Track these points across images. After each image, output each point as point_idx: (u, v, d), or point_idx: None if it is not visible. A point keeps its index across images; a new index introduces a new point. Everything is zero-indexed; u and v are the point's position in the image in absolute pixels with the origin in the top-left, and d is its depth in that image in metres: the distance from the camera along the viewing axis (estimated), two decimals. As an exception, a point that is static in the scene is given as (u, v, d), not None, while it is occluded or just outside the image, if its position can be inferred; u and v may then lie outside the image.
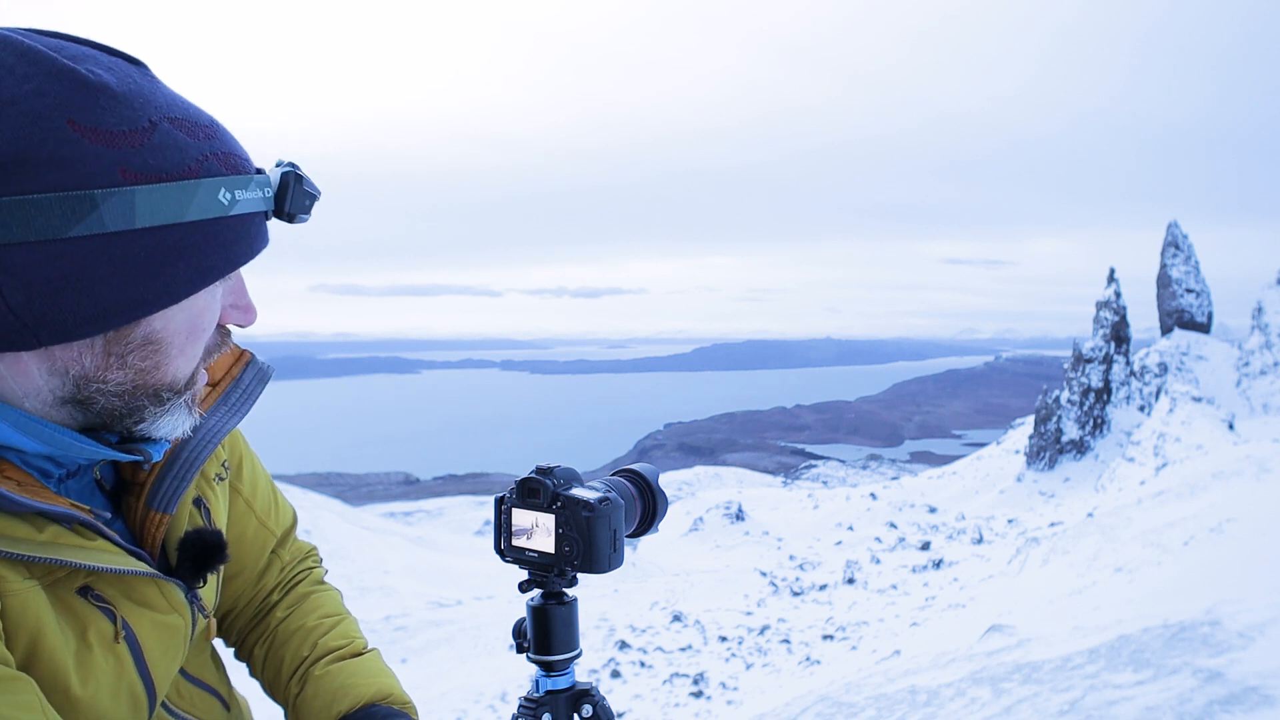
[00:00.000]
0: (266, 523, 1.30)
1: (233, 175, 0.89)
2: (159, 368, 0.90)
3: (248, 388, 1.13)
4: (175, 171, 0.84)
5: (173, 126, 0.85)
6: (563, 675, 1.09)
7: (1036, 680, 5.97)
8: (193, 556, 1.03)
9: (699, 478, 72.48)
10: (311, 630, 1.28)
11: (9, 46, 0.80)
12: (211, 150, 0.88)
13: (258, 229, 0.93)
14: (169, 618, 1.01)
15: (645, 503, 1.18)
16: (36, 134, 0.77)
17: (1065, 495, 43.93)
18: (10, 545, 0.83)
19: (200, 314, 0.92)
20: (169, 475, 1.03)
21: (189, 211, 0.84)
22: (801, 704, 7.98)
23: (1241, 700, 4.32)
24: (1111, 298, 53.02)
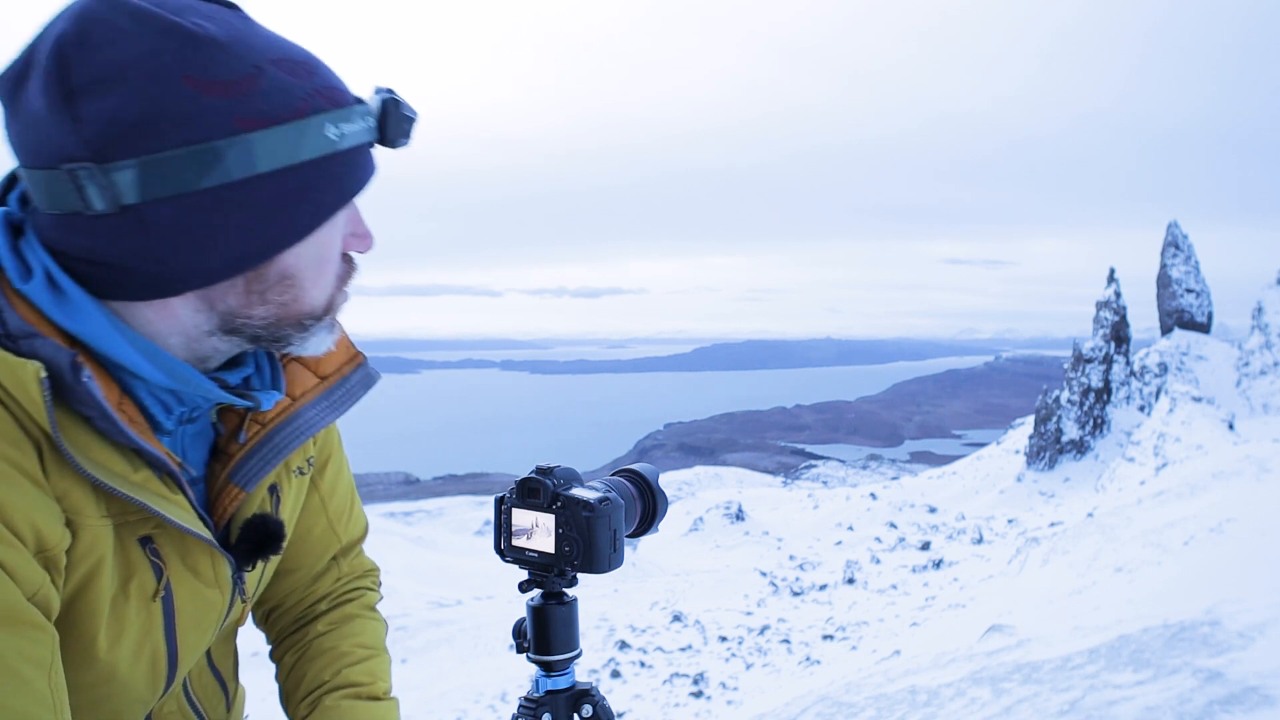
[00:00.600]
0: (336, 526, 1.30)
1: (336, 109, 0.90)
2: (297, 300, 0.95)
3: (352, 389, 1.14)
4: (286, 114, 0.86)
5: (276, 69, 0.87)
6: (563, 675, 1.09)
7: (1036, 680, 5.97)
8: (252, 539, 1.05)
9: (699, 478, 72.50)
10: (342, 655, 1.26)
11: (120, 9, 0.82)
12: (315, 87, 0.90)
13: (366, 158, 0.95)
14: (210, 591, 1.02)
15: (645, 503, 1.18)
16: (157, 93, 0.81)
17: (1065, 495, 43.94)
18: (106, 476, 0.85)
19: (326, 246, 0.95)
20: (256, 454, 1.05)
21: (303, 151, 0.87)
22: (801, 704, 7.98)
23: (1241, 700, 4.32)
24: (1111, 298, 53.04)
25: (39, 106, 0.81)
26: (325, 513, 1.27)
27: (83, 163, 0.80)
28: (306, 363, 1.12)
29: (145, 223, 0.83)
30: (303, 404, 1.09)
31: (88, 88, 0.80)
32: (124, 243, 0.84)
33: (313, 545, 1.28)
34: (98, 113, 0.80)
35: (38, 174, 0.83)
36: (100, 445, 0.86)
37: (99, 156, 0.80)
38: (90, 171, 0.80)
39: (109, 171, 0.80)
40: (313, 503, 1.25)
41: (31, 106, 0.82)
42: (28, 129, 0.83)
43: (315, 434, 1.11)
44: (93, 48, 0.80)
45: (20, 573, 0.79)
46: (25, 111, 0.83)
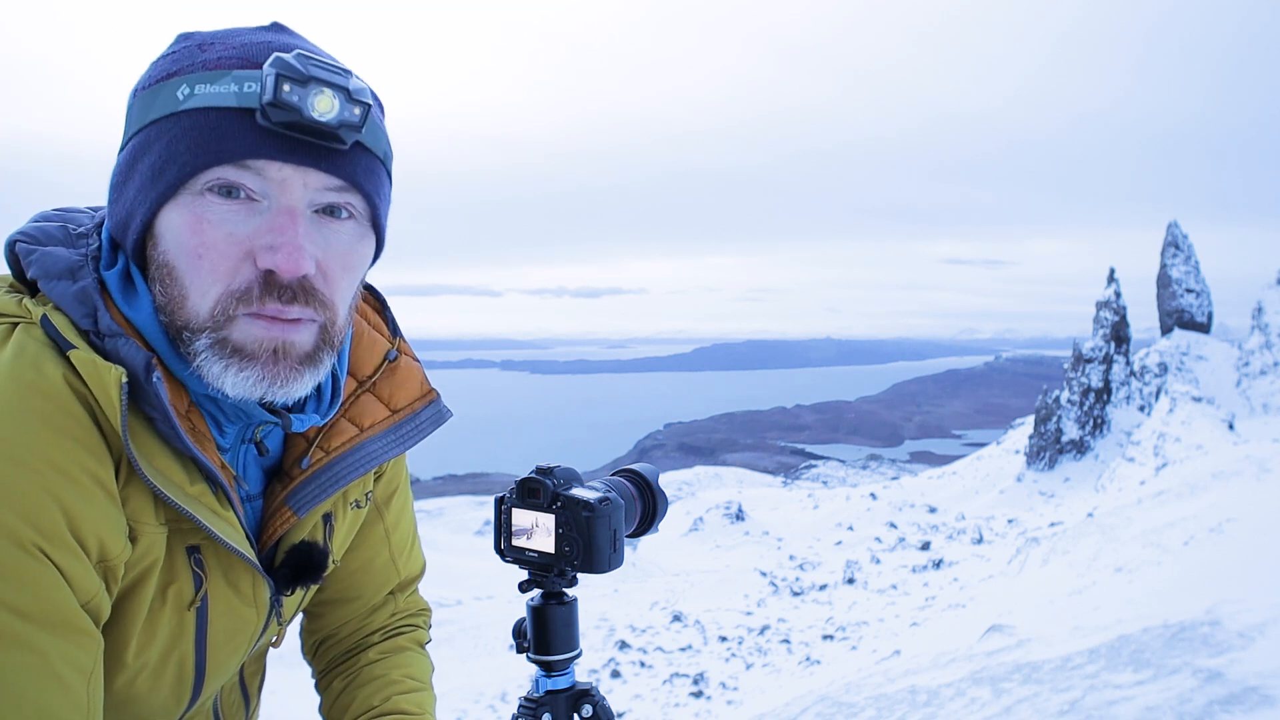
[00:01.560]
0: (397, 561, 1.30)
1: (198, 72, 0.87)
2: (179, 299, 0.89)
3: (422, 425, 1.14)
4: (155, 79, 0.90)
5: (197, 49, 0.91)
6: (563, 675, 1.09)
7: (1036, 680, 5.97)
8: (295, 564, 1.05)
9: (699, 478, 72.50)
10: (393, 684, 1.25)
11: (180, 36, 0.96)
12: (205, 58, 0.88)
13: (231, 126, 0.86)
14: (247, 610, 1.03)
15: (645, 503, 1.18)
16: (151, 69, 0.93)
17: (1065, 495, 43.94)
18: (165, 486, 0.87)
19: (190, 230, 0.87)
20: (315, 480, 1.05)
21: (150, 113, 0.89)
22: (801, 704, 7.98)
23: (1241, 700, 4.32)
24: (1111, 298, 53.04)
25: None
26: (388, 544, 1.27)
27: None
28: (380, 395, 1.12)
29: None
30: (369, 435, 1.09)
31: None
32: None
33: (374, 576, 1.28)
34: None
35: None
36: (162, 453, 0.88)
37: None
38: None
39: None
40: (377, 533, 1.25)
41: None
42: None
43: (377, 467, 1.10)
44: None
45: (78, 581, 0.82)
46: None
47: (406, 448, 1.13)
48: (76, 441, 0.82)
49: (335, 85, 0.86)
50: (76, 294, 0.89)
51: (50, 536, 0.79)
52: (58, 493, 0.80)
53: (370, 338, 1.15)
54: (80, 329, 0.87)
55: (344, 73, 0.88)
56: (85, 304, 0.89)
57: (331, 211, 0.93)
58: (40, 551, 0.79)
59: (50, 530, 0.79)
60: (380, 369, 1.14)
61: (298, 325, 0.91)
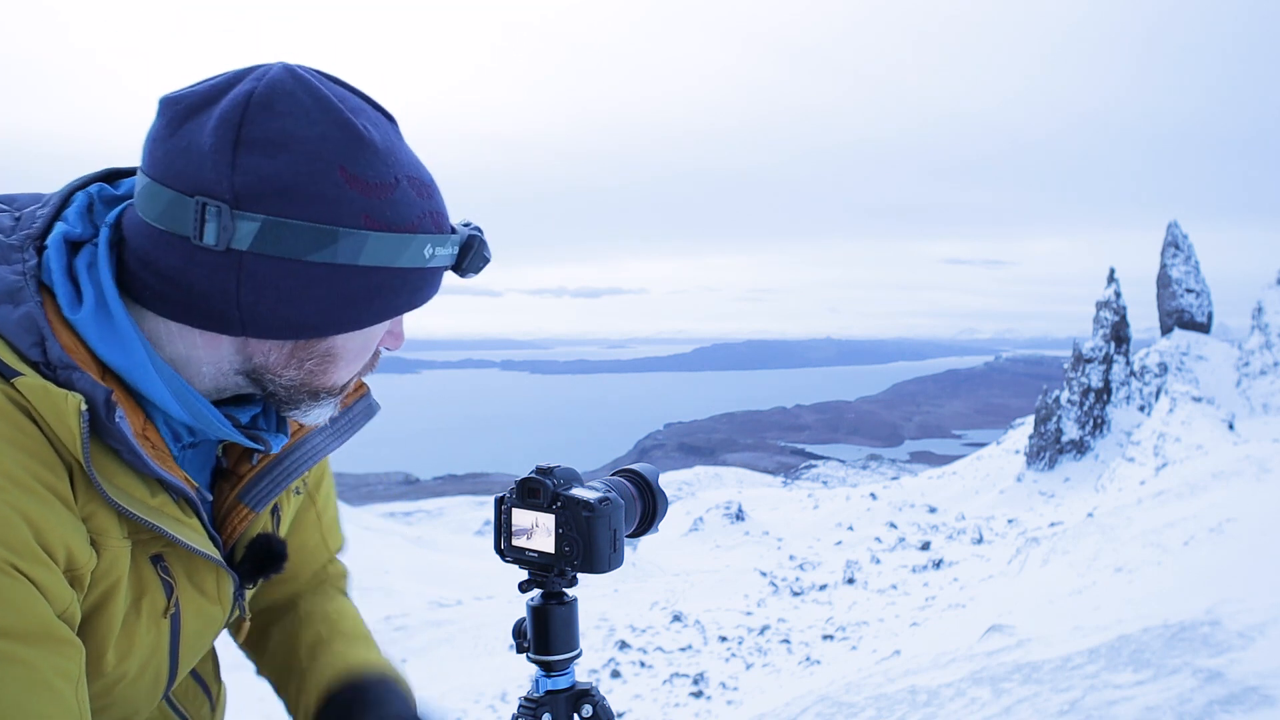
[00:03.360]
0: (327, 539, 1.39)
1: (438, 234, 1.00)
2: (326, 373, 1.01)
3: (355, 418, 1.21)
4: (402, 225, 0.95)
5: (409, 185, 0.97)
6: (563, 675, 1.09)
7: (1036, 680, 5.97)
8: (257, 558, 1.11)
9: (699, 478, 72.51)
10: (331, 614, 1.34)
11: (308, 90, 0.92)
12: (429, 209, 0.99)
13: (439, 278, 1.04)
14: (212, 607, 1.07)
15: (645, 503, 1.18)
16: (313, 172, 0.89)
17: (1065, 495, 43.95)
18: (128, 502, 0.90)
19: (372, 339, 1.04)
20: (267, 476, 1.11)
21: (400, 259, 0.96)
22: (801, 704, 7.99)
23: (1241, 700, 4.32)
24: (1111, 298, 53.05)
25: (204, 140, 0.88)
26: (320, 526, 1.36)
27: (218, 201, 0.87)
28: None
29: (242, 269, 0.90)
30: (310, 431, 1.15)
31: (256, 144, 0.88)
32: (215, 278, 0.90)
33: (307, 557, 1.36)
34: (255, 168, 0.88)
35: (165, 191, 0.89)
36: (122, 472, 0.91)
37: (235, 203, 0.88)
38: (219, 211, 0.87)
39: (237, 218, 0.87)
40: (309, 517, 1.33)
41: (195, 136, 0.89)
42: (180, 153, 0.89)
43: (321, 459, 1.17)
44: (275, 114, 0.89)
45: (52, 591, 0.83)
46: (186, 137, 0.89)
47: (344, 441, 1.21)
48: (29, 454, 0.83)
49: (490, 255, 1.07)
50: (20, 321, 0.87)
51: (20, 551, 0.80)
52: (20, 506, 0.81)
53: None
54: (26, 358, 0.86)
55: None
56: (31, 332, 0.87)
57: None
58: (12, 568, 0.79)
59: (19, 545, 0.80)
60: None
61: None
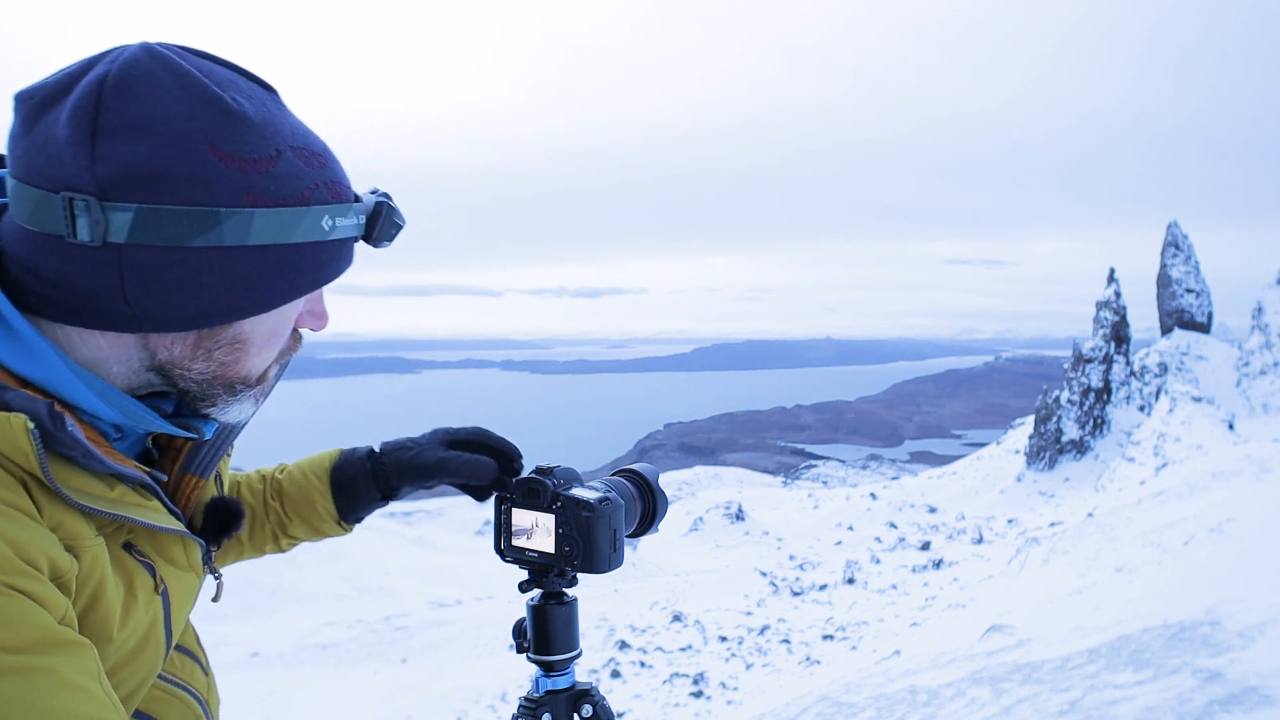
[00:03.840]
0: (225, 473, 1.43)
1: (336, 204, 0.97)
2: (238, 363, 0.99)
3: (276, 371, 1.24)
4: (291, 198, 0.92)
5: (294, 155, 0.94)
6: (563, 675, 1.09)
7: (1036, 680, 5.97)
8: (217, 521, 1.13)
9: (699, 478, 72.48)
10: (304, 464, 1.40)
11: (169, 68, 0.88)
12: (322, 179, 0.96)
13: (348, 251, 1.02)
14: (188, 575, 1.09)
15: (645, 503, 1.18)
16: (181, 153, 0.86)
17: (1065, 495, 43.94)
18: (90, 501, 0.90)
19: (282, 321, 1.01)
20: (209, 443, 1.12)
21: (295, 234, 0.93)
22: (801, 704, 7.98)
23: (1241, 700, 4.32)
24: (1111, 298, 53.04)
25: (60, 133, 0.84)
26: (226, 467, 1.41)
27: (84, 195, 0.83)
28: None
29: (123, 262, 0.86)
30: None
31: (116, 131, 0.84)
32: (97, 275, 0.87)
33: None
34: (118, 156, 0.84)
35: (31, 190, 0.86)
36: (76, 473, 0.91)
37: (102, 194, 0.84)
38: (88, 205, 0.84)
39: (107, 209, 0.84)
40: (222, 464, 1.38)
41: (52, 130, 0.85)
42: (39, 149, 0.86)
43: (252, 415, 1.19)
44: (132, 97, 0.85)
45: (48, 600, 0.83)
46: (42, 132, 0.86)
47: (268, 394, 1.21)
48: None
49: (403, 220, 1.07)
50: None
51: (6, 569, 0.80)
52: None
53: None
54: None
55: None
56: None
57: None
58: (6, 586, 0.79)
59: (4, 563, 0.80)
60: None
61: None
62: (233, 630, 22.15)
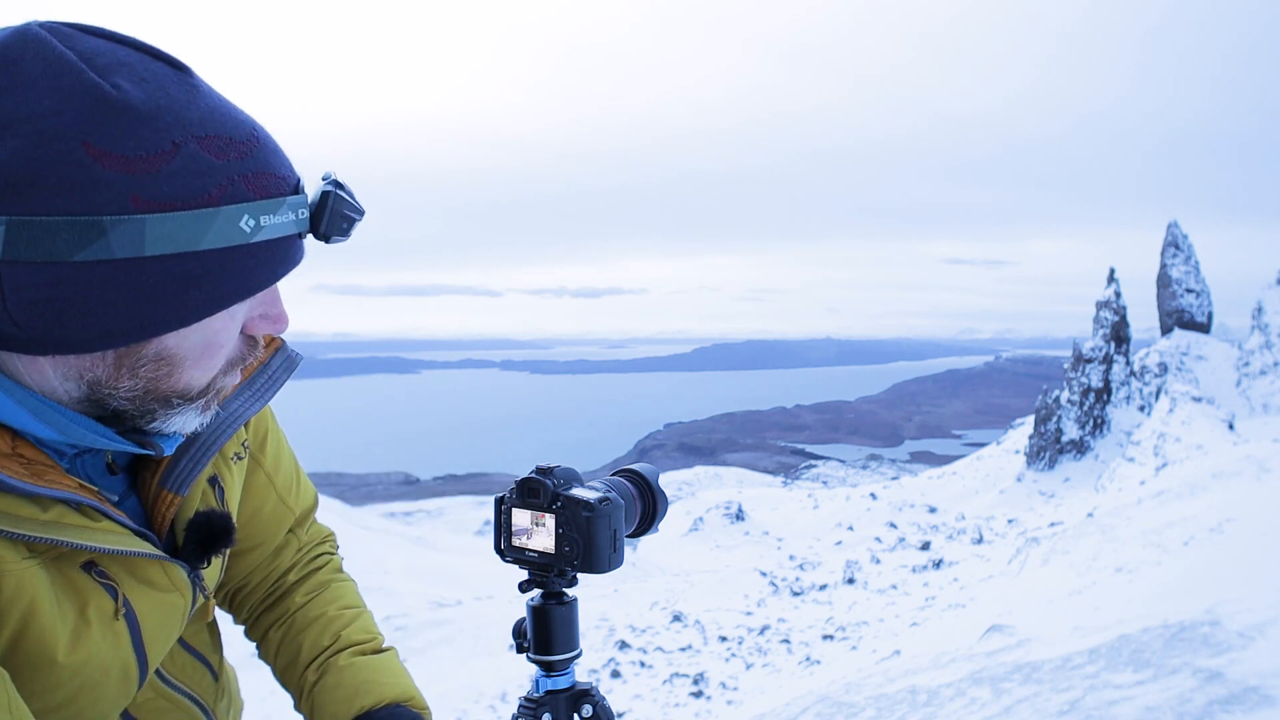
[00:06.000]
0: (286, 500, 1.30)
1: (260, 200, 0.85)
2: (171, 377, 0.89)
3: (274, 374, 1.13)
4: (192, 199, 0.80)
5: (200, 147, 0.81)
6: (563, 675, 1.09)
7: (1036, 680, 5.97)
8: (199, 538, 1.04)
9: (699, 478, 72.51)
10: (333, 620, 1.28)
11: (40, 54, 0.77)
12: (241, 172, 0.84)
13: (286, 251, 0.89)
14: (169, 596, 1.01)
15: (645, 503, 1.18)
16: (49, 155, 0.75)
17: (1065, 495, 43.95)
18: (13, 525, 0.82)
19: (216, 333, 0.90)
20: (185, 457, 1.03)
21: (204, 240, 0.81)
22: (801, 704, 7.98)
23: (1241, 700, 4.32)
24: (1111, 298, 53.02)
25: None
26: (274, 488, 1.27)
27: None
28: None
29: (2, 283, 0.77)
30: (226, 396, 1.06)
31: None
32: None
33: (266, 521, 1.28)
34: None
35: None
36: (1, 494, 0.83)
37: None
38: None
39: None
40: (258, 480, 1.25)
41: None
42: None
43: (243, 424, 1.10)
44: None
45: None
46: None
47: (266, 400, 1.12)
48: None
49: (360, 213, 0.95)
50: None
51: None
52: None
53: None
54: None
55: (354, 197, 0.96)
56: None
57: None
58: None
59: None
60: None
61: None
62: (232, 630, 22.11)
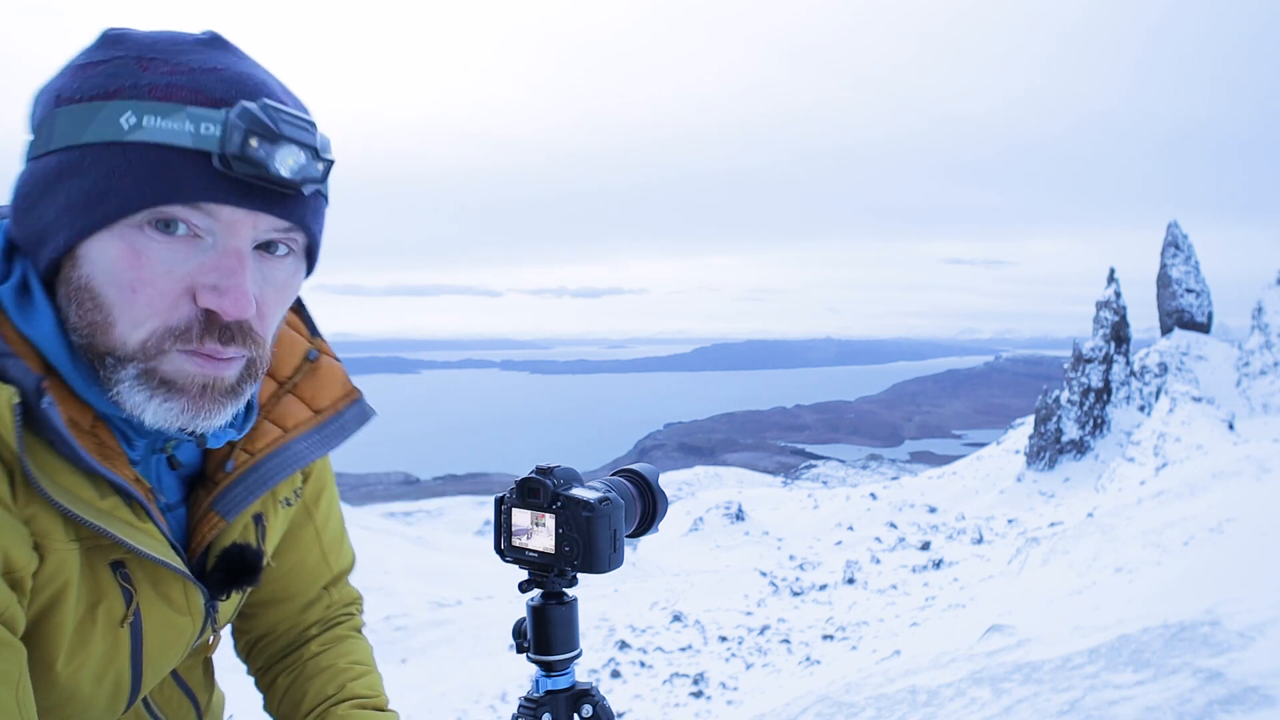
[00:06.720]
0: (328, 556, 1.30)
1: (149, 100, 0.82)
2: (104, 324, 0.86)
3: (345, 424, 1.13)
4: (89, 94, 0.84)
5: (136, 64, 0.84)
6: (563, 675, 1.09)
7: (1036, 680, 5.97)
8: (228, 569, 1.04)
9: (699, 478, 72.52)
10: (341, 672, 1.27)
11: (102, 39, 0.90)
12: (154, 80, 0.83)
13: (169, 166, 0.82)
14: (180, 618, 1.01)
15: (645, 503, 1.18)
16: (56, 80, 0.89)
17: (1065, 495, 43.95)
18: (71, 503, 0.84)
19: (125, 263, 0.84)
20: (241, 484, 1.03)
21: (85, 134, 0.83)
22: (801, 704, 7.98)
23: (1241, 700, 4.32)
24: (1111, 298, 53.02)
25: None
26: (319, 543, 1.27)
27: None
28: (302, 396, 1.12)
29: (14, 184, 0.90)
30: (294, 436, 1.08)
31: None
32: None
33: (306, 575, 1.28)
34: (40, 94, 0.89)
35: None
36: (68, 471, 0.85)
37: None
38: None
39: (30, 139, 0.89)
40: (307, 533, 1.25)
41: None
42: None
43: (303, 467, 1.10)
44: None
45: None
46: None
47: (332, 447, 1.12)
48: None
49: (304, 144, 0.86)
50: None
51: None
52: None
53: (289, 338, 1.14)
54: None
55: (310, 127, 0.87)
56: None
57: (269, 246, 0.92)
58: None
59: None
60: (300, 369, 1.13)
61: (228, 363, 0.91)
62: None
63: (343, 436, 1.13)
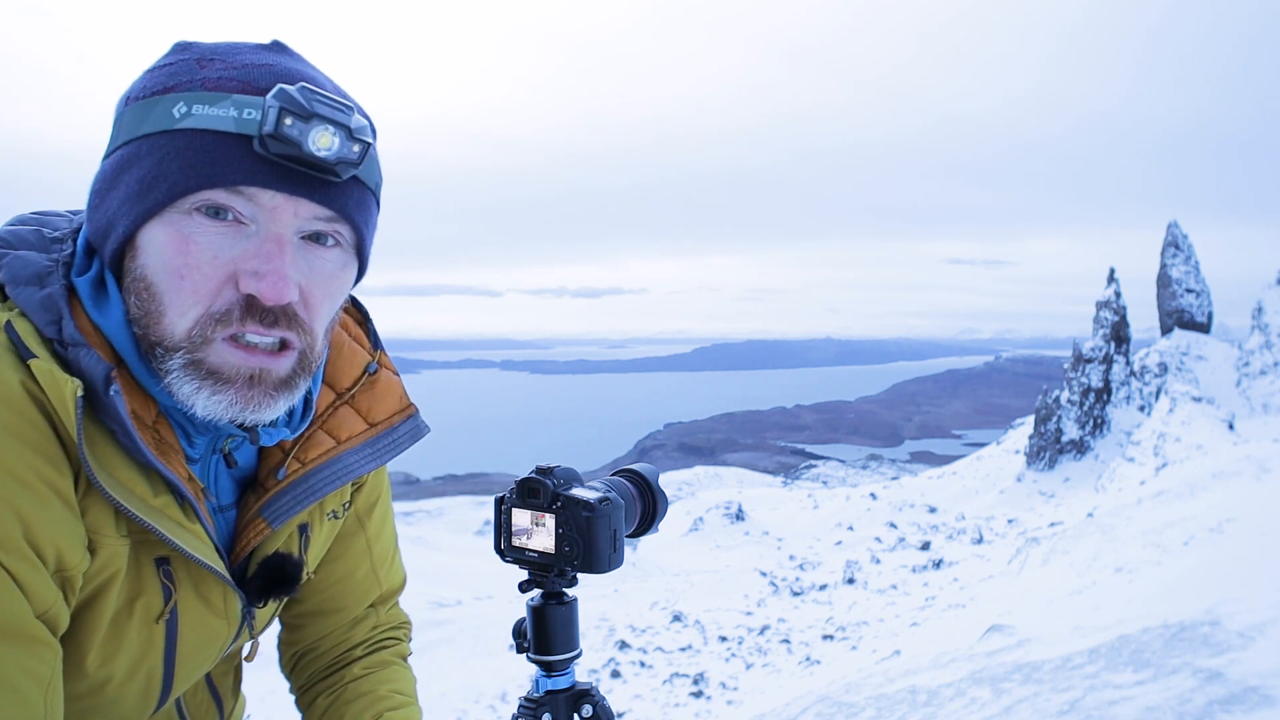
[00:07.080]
0: (378, 571, 1.29)
1: (198, 91, 0.87)
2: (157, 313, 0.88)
3: (399, 439, 1.14)
4: (150, 91, 0.89)
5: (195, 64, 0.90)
6: (563, 675, 1.09)
7: (1036, 680, 5.97)
8: (267, 577, 1.04)
9: (699, 478, 72.51)
10: (380, 700, 1.25)
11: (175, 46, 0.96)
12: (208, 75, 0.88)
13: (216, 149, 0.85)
14: (217, 621, 1.02)
15: (645, 503, 1.18)
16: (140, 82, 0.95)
17: (1065, 495, 43.95)
18: (126, 498, 0.86)
19: (174, 249, 0.87)
20: (291, 492, 1.04)
21: (143, 126, 0.88)
22: (801, 704, 7.98)
23: (1241, 700, 4.32)
24: (1111, 298, 53.03)
25: None
26: (370, 556, 1.27)
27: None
28: (359, 408, 1.12)
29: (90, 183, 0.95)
30: (347, 448, 1.08)
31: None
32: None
33: (355, 588, 1.27)
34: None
35: None
36: (124, 465, 0.87)
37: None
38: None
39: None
40: (359, 545, 1.24)
41: None
42: None
43: (354, 479, 1.10)
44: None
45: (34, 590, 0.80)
46: None
47: (384, 461, 1.12)
48: (34, 449, 0.81)
49: (338, 123, 0.87)
50: (42, 300, 0.87)
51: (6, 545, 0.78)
52: (14, 501, 0.79)
53: (350, 350, 1.15)
54: (44, 336, 0.86)
55: (347, 109, 0.89)
56: (50, 311, 0.87)
57: (318, 238, 0.94)
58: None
59: (7, 541, 0.78)
60: (359, 382, 1.14)
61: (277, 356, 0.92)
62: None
63: (395, 451, 1.13)
